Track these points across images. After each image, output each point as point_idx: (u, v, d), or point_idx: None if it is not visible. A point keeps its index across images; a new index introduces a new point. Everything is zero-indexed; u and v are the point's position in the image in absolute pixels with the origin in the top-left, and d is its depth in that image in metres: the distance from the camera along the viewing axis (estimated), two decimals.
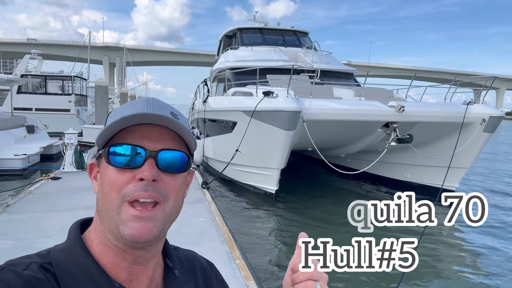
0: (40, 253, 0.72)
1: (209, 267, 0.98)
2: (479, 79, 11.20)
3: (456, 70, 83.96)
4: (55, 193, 7.42)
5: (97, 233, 0.74)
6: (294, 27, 16.10)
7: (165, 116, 0.71)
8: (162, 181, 0.72)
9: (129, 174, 0.70)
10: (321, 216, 8.49)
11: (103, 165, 0.74)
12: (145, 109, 0.72)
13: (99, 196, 0.74)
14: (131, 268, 0.74)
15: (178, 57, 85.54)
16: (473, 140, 9.16)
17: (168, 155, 0.73)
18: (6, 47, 72.77)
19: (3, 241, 4.78)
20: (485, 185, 12.90)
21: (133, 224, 0.69)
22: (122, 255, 0.73)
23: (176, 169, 0.74)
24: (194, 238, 5.07)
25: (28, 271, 0.65)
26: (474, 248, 6.92)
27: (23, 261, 0.68)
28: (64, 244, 0.75)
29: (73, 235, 0.75)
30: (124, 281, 0.73)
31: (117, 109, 0.78)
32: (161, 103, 0.76)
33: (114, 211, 0.70)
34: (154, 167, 0.71)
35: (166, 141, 0.73)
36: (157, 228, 0.71)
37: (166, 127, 0.73)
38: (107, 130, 0.72)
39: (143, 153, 0.71)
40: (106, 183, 0.72)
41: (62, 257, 0.71)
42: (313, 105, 8.42)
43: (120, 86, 47.81)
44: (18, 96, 20.95)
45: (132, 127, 0.72)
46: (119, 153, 0.71)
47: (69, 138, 9.74)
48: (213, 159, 12.11)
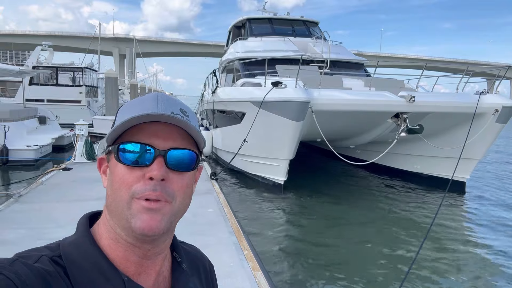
0: (49, 246, 0.73)
1: (212, 269, 1.00)
2: (492, 69, 10.99)
3: (469, 60, 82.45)
4: (66, 183, 7.53)
5: (106, 227, 0.75)
6: (303, 17, 15.92)
7: (174, 115, 0.72)
8: (170, 180, 0.73)
9: (138, 172, 0.71)
10: (330, 207, 8.49)
11: (113, 162, 0.75)
12: (154, 107, 0.72)
13: (109, 192, 0.75)
14: (140, 262, 0.75)
15: (188, 48, 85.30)
16: (485, 131, 9.02)
17: (177, 154, 0.74)
18: (18, 39, 73.46)
19: (16, 230, 4.88)
20: (496, 176, 12.74)
21: (144, 216, 0.70)
22: (132, 249, 0.74)
23: (184, 168, 0.75)
24: (202, 229, 5.11)
25: (39, 264, 0.66)
26: (480, 247, 6.82)
27: (34, 253, 0.69)
28: (73, 237, 0.75)
29: (82, 229, 0.76)
30: (133, 274, 0.74)
31: (127, 105, 0.78)
32: (171, 100, 0.76)
33: (125, 206, 0.71)
34: (163, 166, 0.71)
35: (175, 139, 0.74)
36: (165, 221, 0.72)
37: (175, 125, 0.74)
38: (116, 129, 0.73)
39: (152, 152, 0.71)
40: (115, 180, 0.73)
41: (72, 250, 0.71)
42: (322, 95, 8.36)
43: (130, 77, 48.05)
44: (30, 88, 21.18)
45: (142, 125, 0.72)
46: (129, 151, 0.72)
47: (80, 130, 9.85)
48: (222, 150, 12.14)
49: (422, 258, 5.79)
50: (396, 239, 6.77)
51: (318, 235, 6.82)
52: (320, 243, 6.39)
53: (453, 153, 9.09)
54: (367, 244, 6.45)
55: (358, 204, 8.80)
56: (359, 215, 8.02)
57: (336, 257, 5.84)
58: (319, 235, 6.79)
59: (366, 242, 6.53)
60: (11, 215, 5.53)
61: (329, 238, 6.66)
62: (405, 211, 8.41)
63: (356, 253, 5.99)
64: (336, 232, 7.00)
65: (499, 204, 9.33)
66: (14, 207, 5.91)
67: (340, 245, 6.35)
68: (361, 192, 9.97)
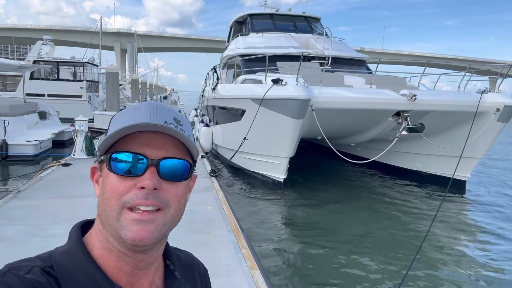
0: (41, 256, 0.72)
1: (206, 274, 1.00)
2: (495, 67, 10.90)
3: (472, 57, 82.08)
4: (65, 179, 7.52)
5: (98, 236, 0.75)
6: (305, 13, 15.84)
7: (168, 125, 0.72)
8: (163, 189, 0.72)
9: (130, 182, 0.71)
10: (330, 206, 8.47)
11: (105, 171, 0.74)
12: (148, 117, 0.72)
13: (100, 201, 0.74)
14: (133, 272, 0.75)
15: (189, 43, 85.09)
16: (486, 129, 8.98)
17: (170, 164, 0.73)
18: (19, 33, 73.33)
19: (13, 226, 4.86)
20: (497, 175, 12.71)
21: (134, 227, 0.69)
22: (124, 259, 0.73)
23: (177, 178, 0.74)
24: (201, 227, 5.10)
25: (31, 275, 0.65)
26: (480, 248, 6.80)
27: (25, 264, 0.68)
28: (65, 247, 0.75)
29: (74, 238, 0.76)
30: (126, 285, 0.74)
31: (120, 113, 0.78)
32: (164, 109, 0.76)
33: (114, 217, 0.70)
34: (155, 175, 0.71)
35: (168, 149, 0.73)
36: (158, 232, 0.71)
37: (168, 134, 0.73)
38: (108, 138, 0.72)
39: (144, 161, 0.71)
40: (107, 190, 0.72)
41: (64, 261, 0.71)
42: (323, 93, 8.31)
43: (131, 72, 47.99)
44: (30, 82, 21.18)
45: (135, 134, 0.72)
46: (121, 160, 0.71)
47: (80, 125, 9.82)
48: (222, 147, 12.12)
49: (422, 258, 5.77)
50: (396, 238, 6.75)
51: (317, 234, 6.81)
52: (319, 242, 6.37)
53: (454, 151, 9.07)
54: (366, 243, 6.43)
55: (358, 203, 8.78)
56: (359, 214, 8.00)
57: (335, 256, 5.82)
58: (318, 234, 6.78)
59: (365, 241, 6.51)
60: (9, 211, 5.51)
61: (328, 237, 6.64)
62: (405, 209, 8.38)
63: (355, 253, 5.97)
64: (336, 231, 6.98)
65: (499, 204, 9.30)
66: (12, 203, 5.90)
67: (339, 244, 6.33)
68: (361, 190, 9.95)
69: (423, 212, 8.23)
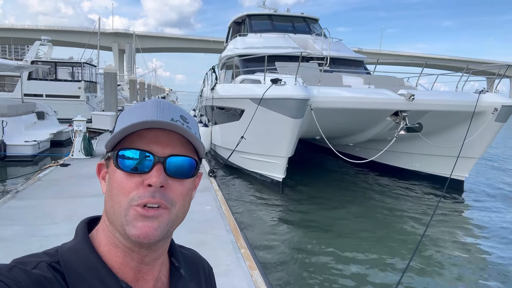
0: (48, 252, 0.73)
1: (211, 272, 1.01)
2: (492, 67, 10.95)
3: (470, 58, 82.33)
4: (63, 179, 7.51)
5: (105, 233, 0.75)
6: (304, 14, 15.86)
7: (174, 122, 0.72)
8: (169, 186, 0.73)
9: (137, 179, 0.71)
10: (328, 205, 8.47)
11: (112, 168, 0.75)
12: (155, 114, 0.72)
13: (107, 198, 0.75)
14: (138, 268, 0.75)
15: (187, 43, 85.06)
16: (484, 129, 9.02)
17: (177, 161, 0.74)
18: (17, 33, 73.19)
19: (12, 227, 4.86)
20: (494, 175, 12.75)
21: (139, 223, 0.70)
22: (130, 254, 0.74)
23: (184, 175, 0.75)
24: (200, 227, 5.10)
25: (37, 270, 0.66)
26: (478, 248, 6.82)
27: (32, 259, 0.69)
28: (71, 243, 0.76)
29: (81, 235, 0.76)
30: (131, 281, 0.75)
31: (127, 110, 0.78)
32: (171, 106, 0.77)
33: (122, 213, 0.71)
34: (162, 173, 0.71)
35: (174, 146, 0.74)
36: (162, 229, 0.72)
37: (175, 132, 0.74)
38: (116, 135, 0.73)
39: (151, 158, 0.71)
40: (114, 186, 0.73)
41: (70, 257, 0.72)
42: (321, 93, 8.33)
43: (129, 72, 47.93)
44: (28, 83, 21.11)
45: (142, 131, 0.73)
46: (128, 157, 0.72)
47: (78, 125, 9.81)
48: (221, 147, 12.11)
49: (419, 257, 5.78)
50: (394, 238, 6.76)
51: (316, 233, 6.81)
52: (318, 241, 6.38)
53: (452, 151, 9.09)
54: (365, 243, 6.44)
55: (357, 202, 8.79)
56: (357, 214, 8.01)
57: (334, 255, 5.83)
58: (317, 234, 6.78)
59: (364, 241, 6.52)
60: (8, 211, 5.51)
61: (327, 237, 6.64)
62: (403, 209, 8.40)
63: (353, 252, 5.98)
64: (334, 231, 6.98)
65: (498, 204, 9.32)
66: (10, 203, 5.89)
67: (338, 244, 6.34)
68: (360, 190, 9.96)
69: (420, 211, 8.24)
